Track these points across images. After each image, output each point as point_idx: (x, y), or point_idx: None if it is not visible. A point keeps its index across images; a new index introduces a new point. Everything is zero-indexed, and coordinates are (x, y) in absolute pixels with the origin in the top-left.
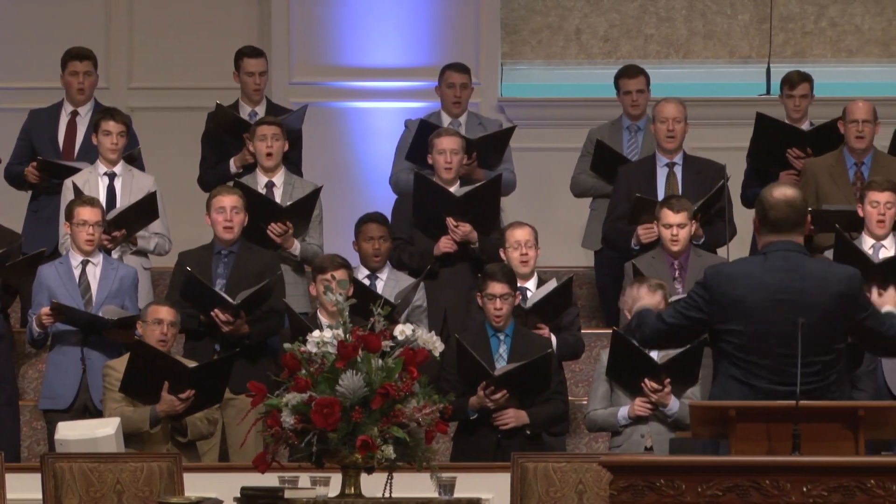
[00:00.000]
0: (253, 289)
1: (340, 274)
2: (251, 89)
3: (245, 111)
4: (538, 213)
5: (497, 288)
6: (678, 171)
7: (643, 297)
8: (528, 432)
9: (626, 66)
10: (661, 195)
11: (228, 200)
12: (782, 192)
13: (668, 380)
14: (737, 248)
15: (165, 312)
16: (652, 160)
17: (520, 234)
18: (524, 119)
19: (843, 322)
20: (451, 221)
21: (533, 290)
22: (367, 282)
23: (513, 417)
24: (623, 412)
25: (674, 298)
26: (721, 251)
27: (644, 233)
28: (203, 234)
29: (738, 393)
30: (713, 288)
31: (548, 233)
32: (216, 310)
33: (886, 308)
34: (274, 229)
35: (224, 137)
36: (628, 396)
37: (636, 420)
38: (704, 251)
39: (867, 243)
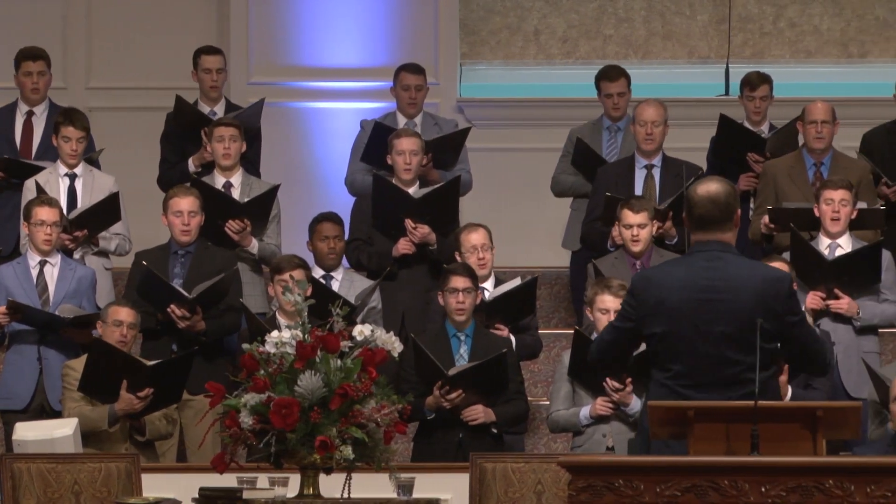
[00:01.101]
0: (209, 283)
1: (298, 274)
2: (209, 86)
3: (204, 111)
4: (496, 212)
5: (459, 282)
6: (656, 172)
7: (607, 302)
8: (494, 430)
9: (608, 68)
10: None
11: (185, 203)
12: (706, 187)
13: (630, 379)
14: None
15: (125, 314)
16: (630, 161)
17: (475, 238)
18: (483, 119)
19: (771, 323)
20: (409, 223)
21: (490, 290)
22: (322, 282)
23: (482, 413)
24: (585, 412)
25: None
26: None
27: (616, 234)
28: (164, 234)
29: (664, 397)
30: (639, 293)
31: (506, 233)
32: (172, 305)
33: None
34: (232, 226)
35: (184, 135)
36: (590, 396)
37: (598, 420)
38: (667, 251)
39: (823, 243)
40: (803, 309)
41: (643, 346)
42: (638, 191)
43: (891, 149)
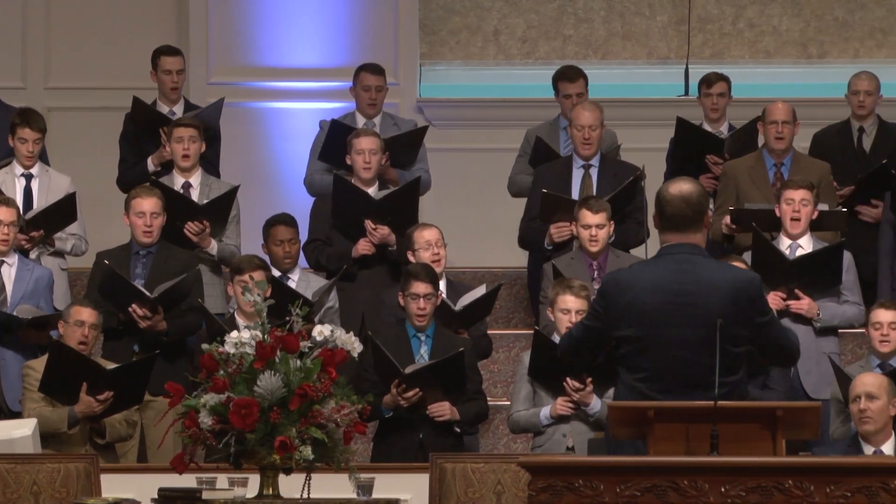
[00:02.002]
0: (170, 283)
1: (258, 275)
2: (168, 87)
3: (163, 111)
4: (456, 213)
5: (420, 288)
6: (594, 172)
7: (568, 302)
8: (458, 429)
9: (566, 69)
10: (575, 196)
11: (147, 204)
12: (678, 187)
13: (590, 379)
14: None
15: (87, 314)
16: (569, 160)
17: (429, 234)
18: (443, 120)
19: (741, 326)
20: (369, 224)
21: (443, 290)
22: (281, 281)
23: (447, 410)
24: (545, 412)
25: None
26: (638, 252)
27: (556, 231)
28: (120, 234)
29: (631, 399)
30: (609, 295)
31: (466, 233)
32: (134, 304)
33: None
34: (191, 228)
35: (142, 135)
36: (551, 397)
37: (558, 420)
38: (623, 252)
39: (784, 243)
40: None
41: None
42: (575, 190)
43: (841, 149)
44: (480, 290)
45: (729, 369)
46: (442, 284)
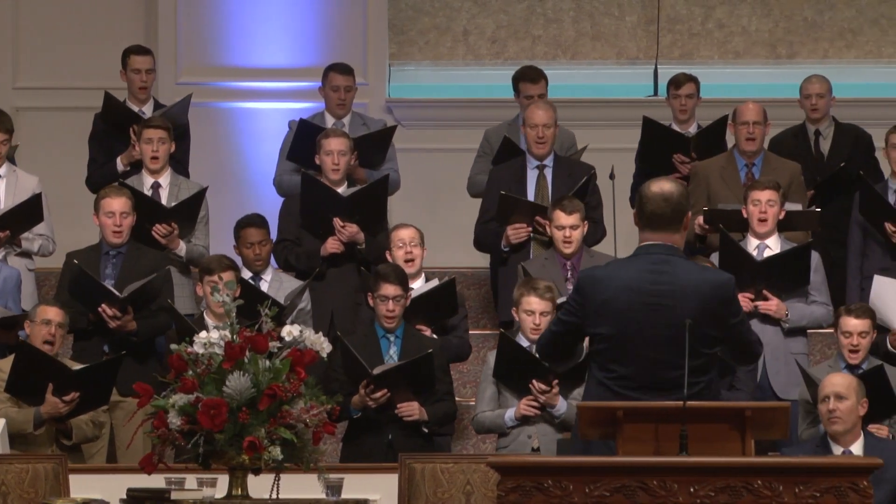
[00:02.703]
0: (140, 283)
1: (228, 275)
2: (137, 87)
3: (132, 111)
4: (426, 213)
5: (389, 290)
6: (548, 172)
7: (533, 304)
8: (426, 430)
9: (527, 69)
10: (531, 196)
11: (117, 204)
12: (660, 185)
13: (556, 381)
14: (622, 250)
15: (54, 313)
16: (522, 161)
17: (404, 234)
18: (412, 120)
19: (714, 328)
20: (337, 222)
21: (419, 287)
22: (251, 283)
23: (416, 410)
24: (510, 413)
25: (560, 300)
26: (607, 250)
27: (513, 233)
28: (89, 234)
29: (603, 397)
30: (585, 291)
31: (436, 233)
32: (103, 305)
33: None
34: (159, 230)
35: (112, 134)
36: (516, 398)
37: (523, 421)
38: (597, 252)
39: (752, 244)
40: None
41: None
42: (531, 191)
43: (800, 153)
44: (432, 283)
45: (700, 370)
46: (418, 283)
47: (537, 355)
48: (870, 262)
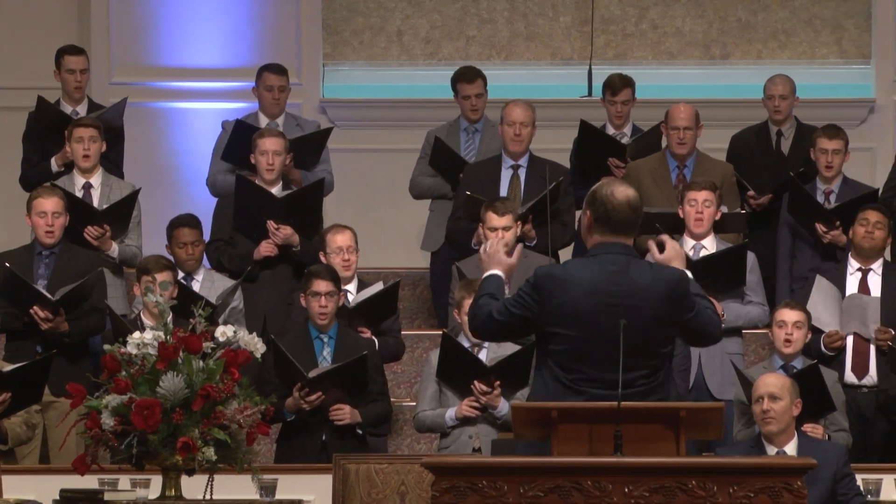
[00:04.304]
0: (71, 285)
1: (163, 275)
2: (72, 87)
3: (66, 111)
4: (360, 214)
5: (322, 286)
6: (522, 172)
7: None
8: (360, 431)
9: (464, 70)
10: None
11: (49, 205)
12: (624, 193)
13: (498, 382)
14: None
15: None
16: (497, 161)
17: (340, 240)
18: (346, 120)
19: (671, 326)
20: (271, 224)
21: (353, 292)
22: (183, 283)
23: (348, 413)
24: (451, 413)
25: None
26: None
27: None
28: (23, 234)
29: (563, 398)
30: (543, 290)
31: (369, 234)
32: (35, 307)
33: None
34: (90, 232)
35: (46, 135)
36: (457, 398)
37: (464, 421)
38: (532, 252)
39: (688, 244)
40: None
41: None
42: (503, 190)
43: (761, 151)
44: (377, 287)
45: (655, 369)
46: (352, 286)
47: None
48: (799, 262)
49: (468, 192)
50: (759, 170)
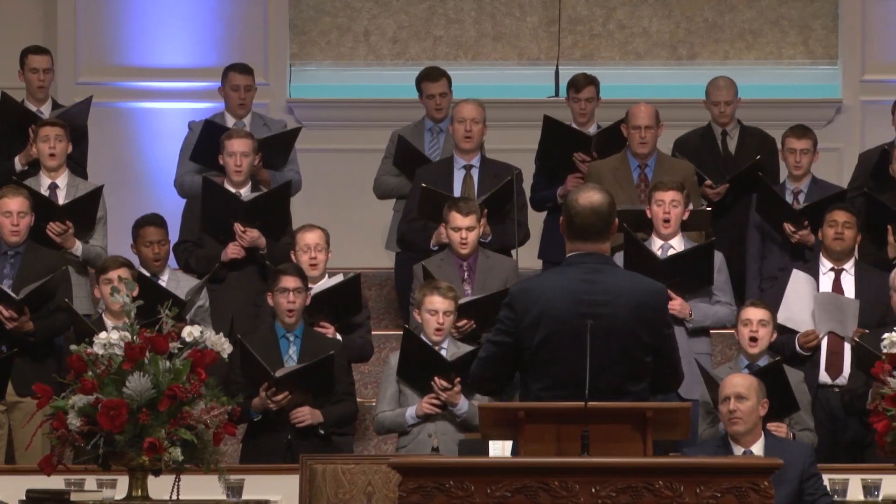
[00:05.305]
0: (36, 284)
1: (124, 272)
2: (36, 87)
3: (30, 111)
4: (327, 214)
5: (289, 282)
6: (475, 172)
7: (436, 303)
8: (322, 431)
9: (428, 69)
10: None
11: (15, 204)
12: (588, 197)
13: (458, 378)
14: (528, 250)
15: None
16: (449, 162)
17: (309, 238)
18: (313, 120)
19: (648, 334)
20: (238, 227)
21: (324, 283)
22: (151, 279)
23: (308, 415)
24: (411, 411)
25: (462, 300)
26: (515, 254)
27: (445, 232)
28: None
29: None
30: (517, 306)
31: (337, 234)
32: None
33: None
34: (53, 229)
35: (10, 133)
36: (418, 395)
37: (424, 419)
38: (493, 253)
39: (656, 244)
40: None
41: None
42: (457, 191)
43: (708, 152)
44: (336, 279)
45: (635, 378)
46: (323, 284)
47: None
48: (768, 262)
49: (424, 185)
50: (707, 171)
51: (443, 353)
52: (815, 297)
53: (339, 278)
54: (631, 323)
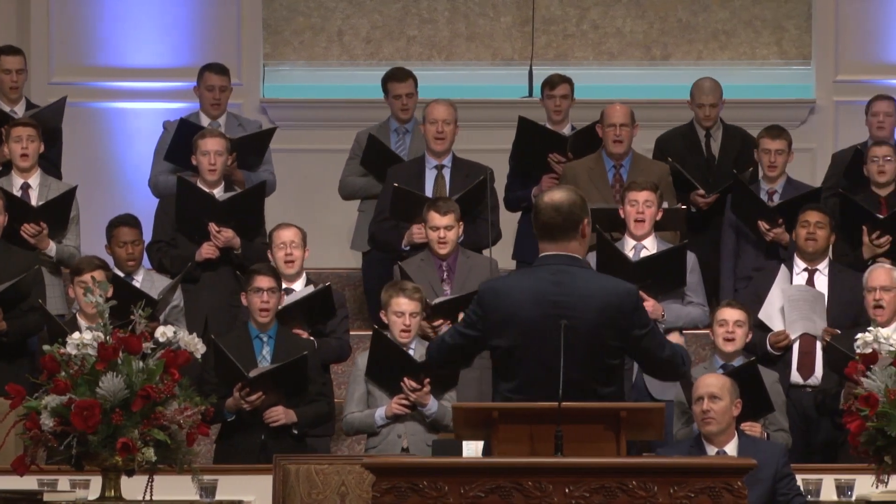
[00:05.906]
0: (9, 283)
1: (99, 275)
2: (8, 87)
3: (3, 111)
4: (301, 214)
5: (263, 281)
6: (447, 173)
7: (402, 305)
8: (295, 431)
9: (395, 70)
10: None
11: None
12: (550, 195)
13: (428, 379)
14: (502, 251)
15: None
16: (421, 162)
17: (285, 235)
18: (287, 120)
19: (615, 338)
20: (213, 227)
21: (300, 290)
22: (125, 279)
23: (282, 414)
24: (381, 412)
25: (437, 301)
26: (489, 254)
27: (418, 232)
28: None
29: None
30: (486, 304)
31: (312, 234)
32: None
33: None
34: (27, 230)
35: None
36: (388, 396)
37: (394, 419)
38: (472, 252)
39: (629, 244)
40: None
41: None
42: (429, 191)
43: (691, 152)
44: (307, 290)
45: (604, 381)
46: (299, 284)
47: (418, 358)
48: (743, 262)
49: (396, 185)
50: (690, 171)
51: (411, 353)
52: (783, 290)
53: (309, 290)
54: (596, 326)
